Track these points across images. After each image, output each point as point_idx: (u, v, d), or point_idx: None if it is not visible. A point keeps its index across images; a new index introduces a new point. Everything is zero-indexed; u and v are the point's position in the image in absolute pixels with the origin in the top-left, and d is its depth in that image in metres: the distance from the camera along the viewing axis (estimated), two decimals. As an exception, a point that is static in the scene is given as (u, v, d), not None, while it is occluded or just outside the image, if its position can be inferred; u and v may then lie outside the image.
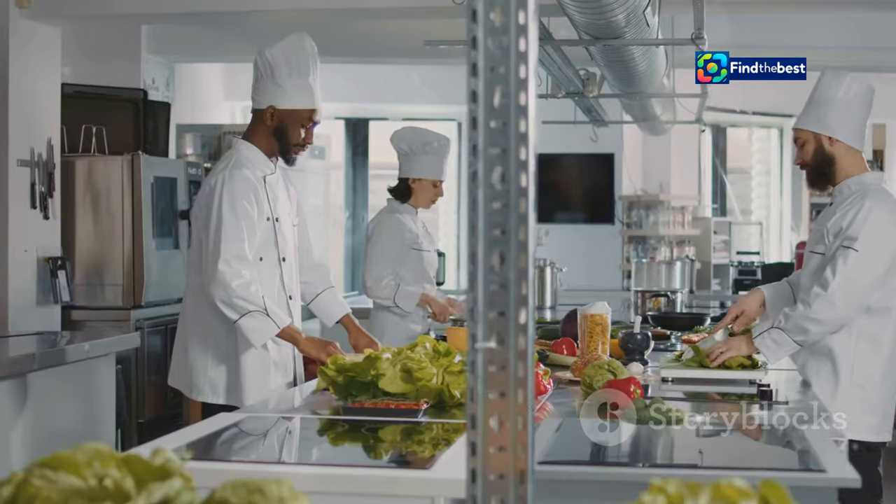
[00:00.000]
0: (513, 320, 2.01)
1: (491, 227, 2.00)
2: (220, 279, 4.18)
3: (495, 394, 2.00)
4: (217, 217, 4.25)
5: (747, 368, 4.26)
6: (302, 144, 4.40)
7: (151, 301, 7.37)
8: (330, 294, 4.79)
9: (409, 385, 3.45)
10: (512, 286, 2.00)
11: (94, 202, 7.32)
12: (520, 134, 2.01)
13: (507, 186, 2.00)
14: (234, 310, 4.18)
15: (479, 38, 2.01)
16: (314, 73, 4.36)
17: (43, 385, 5.02)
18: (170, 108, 8.02)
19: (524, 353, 2.01)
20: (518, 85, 1.99)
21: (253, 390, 4.30)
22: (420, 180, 5.98)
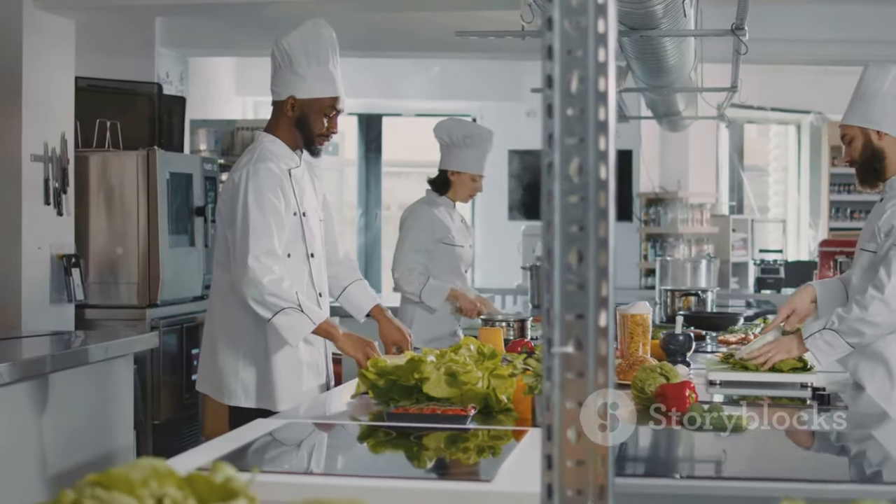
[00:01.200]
0: (592, 323, 1.88)
1: (568, 223, 1.86)
2: (250, 276, 4.01)
3: (573, 403, 1.86)
4: (243, 213, 4.09)
5: (798, 371, 4.10)
6: (326, 134, 4.24)
7: (167, 300, 7.21)
8: (359, 286, 4.61)
9: (454, 389, 3.28)
10: (591, 286, 1.87)
11: (108, 198, 7.16)
12: (599, 122, 1.87)
13: (585, 179, 1.86)
14: (267, 308, 4.02)
15: (556, 19, 1.86)
16: (334, 60, 4.20)
17: (61, 387, 4.86)
18: (185, 102, 7.85)
19: (604, 359, 1.88)
20: (597, 69, 1.85)
21: (285, 393, 4.13)
22: (459, 173, 5.84)
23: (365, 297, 4.60)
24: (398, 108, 12.16)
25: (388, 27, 9.16)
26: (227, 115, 10.61)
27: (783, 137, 12.81)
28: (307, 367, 4.23)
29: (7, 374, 4.33)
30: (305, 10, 7.96)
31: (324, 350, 4.33)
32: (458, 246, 5.85)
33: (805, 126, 12.51)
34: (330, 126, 4.22)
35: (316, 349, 4.26)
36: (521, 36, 4.94)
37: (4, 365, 4.33)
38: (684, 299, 6.41)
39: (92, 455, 5.17)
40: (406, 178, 12.66)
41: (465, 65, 11.27)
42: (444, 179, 5.88)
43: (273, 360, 4.15)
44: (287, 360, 4.16)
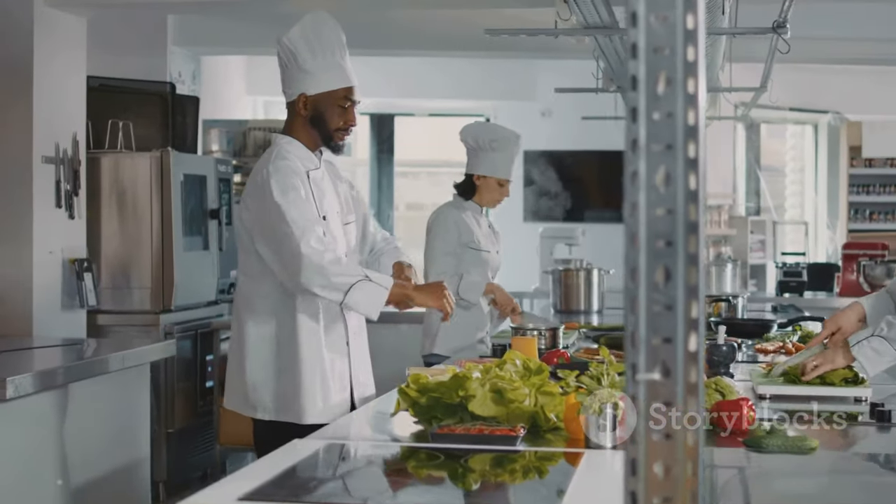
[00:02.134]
0: (681, 348, 1.72)
1: (654, 238, 1.70)
2: (308, 264, 3.82)
3: (660, 435, 1.69)
4: (276, 212, 3.90)
5: (850, 384, 3.91)
6: (344, 128, 4.03)
7: (180, 305, 7.03)
8: (391, 250, 4.38)
9: (501, 407, 3.10)
10: (679, 307, 1.70)
11: (121, 201, 6.98)
12: (688, 127, 1.70)
13: (673, 189, 1.69)
14: (337, 289, 3.83)
15: (640, 14, 1.70)
16: (340, 50, 4.00)
17: (78, 398, 4.70)
18: (198, 102, 7.67)
19: (694, 387, 1.71)
20: (686, 69, 1.68)
21: (312, 406, 3.95)
22: (485, 178, 5.65)
23: (392, 255, 4.37)
24: (411, 108, 11.98)
25: (402, 25, 8.98)
26: (236, 114, 10.44)
27: (800, 138, 12.63)
28: (334, 379, 4.05)
29: (25, 385, 4.17)
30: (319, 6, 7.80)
31: (347, 360, 4.13)
32: (485, 251, 5.67)
33: (822, 126, 12.33)
34: (347, 119, 4.02)
35: (339, 361, 4.07)
36: (554, 34, 4.76)
37: (23, 376, 4.17)
38: (714, 305, 6.23)
39: (109, 467, 5.02)
40: (415, 178, 12.49)
41: (479, 64, 11.10)
42: (470, 184, 5.69)
43: (301, 371, 3.97)
44: (314, 372, 3.99)
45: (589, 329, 5.85)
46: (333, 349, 4.03)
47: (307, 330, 3.99)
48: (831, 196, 12.24)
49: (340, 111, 4.00)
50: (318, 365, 3.99)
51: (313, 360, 3.99)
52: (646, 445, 1.64)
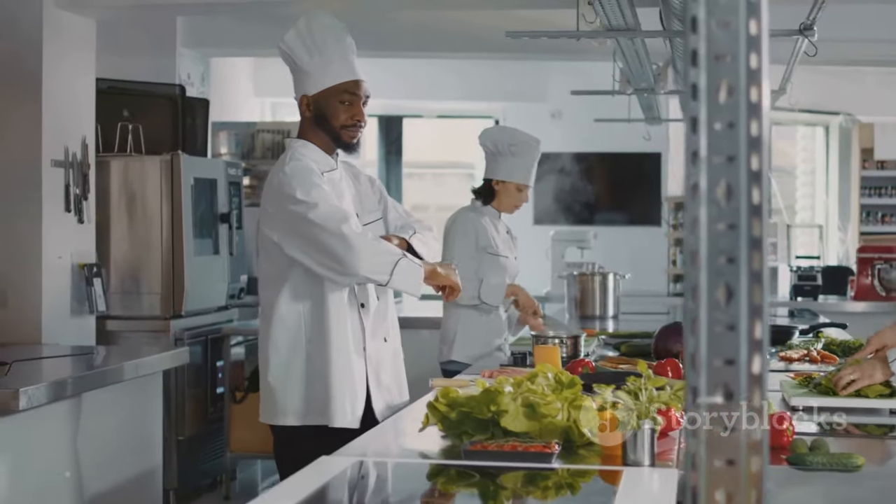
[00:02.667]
0: (744, 370, 1.65)
1: (715, 254, 1.62)
2: (354, 245, 3.76)
3: (721, 461, 1.62)
4: (304, 208, 3.81)
5: (885, 397, 3.81)
6: (351, 124, 3.92)
7: (191, 310, 6.93)
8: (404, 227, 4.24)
9: (534, 422, 3.01)
10: (742, 327, 1.62)
11: (130, 205, 6.88)
12: (751, 138, 1.62)
13: (736, 203, 1.61)
14: (383, 271, 3.82)
15: (701, 19, 1.63)
16: (338, 47, 3.92)
17: (91, 406, 4.61)
18: (208, 104, 7.57)
19: (759, 411, 1.63)
20: (749, 77, 1.60)
21: (340, 410, 3.89)
22: (504, 183, 5.55)
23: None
24: (419, 110, 11.89)
25: (410, 27, 8.90)
26: (244, 117, 10.35)
27: (810, 139, 12.52)
28: (352, 382, 3.97)
29: (38, 396, 4.09)
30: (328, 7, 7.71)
31: (364, 363, 4.03)
32: (503, 256, 5.58)
33: (833, 128, 12.22)
34: (354, 114, 3.92)
35: (357, 362, 3.99)
36: (576, 36, 4.66)
37: (37, 387, 4.09)
38: (735, 311, 6.10)
39: (122, 477, 4.94)
40: (420, 179, 12.40)
41: (488, 65, 11.00)
42: (489, 188, 5.59)
43: (330, 375, 3.91)
44: (343, 375, 3.92)
45: (608, 336, 5.75)
46: (349, 354, 3.95)
47: (329, 333, 3.92)
48: (842, 198, 12.13)
49: (344, 107, 3.92)
50: (345, 367, 3.93)
51: (334, 365, 3.92)
52: (707, 472, 1.56)
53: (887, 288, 9.17)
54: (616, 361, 4.64)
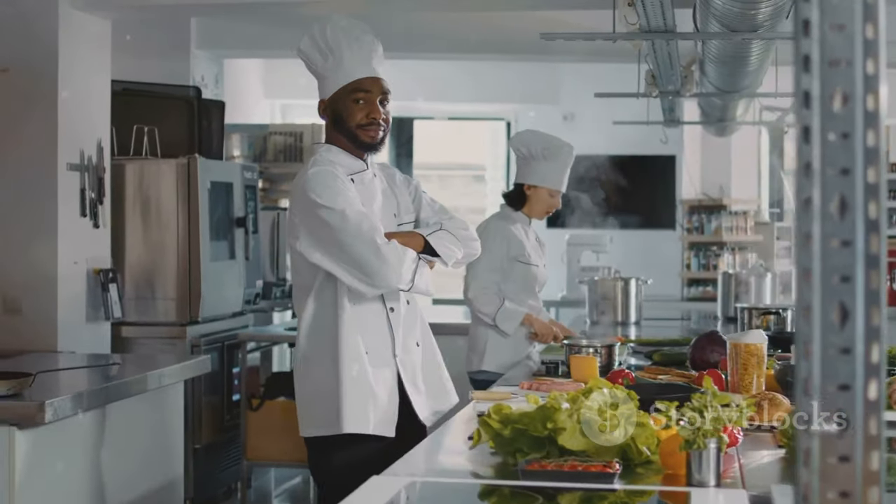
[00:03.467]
0: (860, 396, 1.55)
1: (829, 272, 1.51)
2: (385, 256, 3.71)
3: (834, 493, 1.51)
4: (329, 215, 3.73)
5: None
6: (367, 123, 3.81)
7: (207, 316, 6.82)
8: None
9: (590, 440, 2.89)
10: (858, 350, 1.52)
11: (145, 209, 6.77)
12: (867, 149, 1.51)
13: (851, 218, 1.50)
14: (407, 279, 3.79)
15: (814, 23, 1.52)
16: (352, 47, 3.83)
17: (114, 418, 4.49)
18: (224, 107, 7.45)
19: (875, 441, 1.53)
20: (866, 84, 1.50)
21: (353, 417, 3.82)
22: (536, 188, 5.43)
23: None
24: (430, 112, 11.77)
25: (421, 28, 8.78)
26: (254, 119, 10.24)
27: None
28: (380, 391, 3.88)
29: (64, 408, 3.98)
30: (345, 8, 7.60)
31: (395, 372, 3.93)
32: (534, 265, 5.46)
33: (847, 130, 12.08)
34: (369, 112, 3.81)
35: (388, 371, 3.90)
36: (612, 38, 4.55)
37: (62, 399, 3.98)
38: (763, 318, 6.01)
39: (145, 488, 4.82)
40: (431, 182, 12.27)
41: (500, 67, 10.89)
42: (520, 193, 5.47)
43: (342, 385, 3.83)
44: (355, 384, 3.84)
45: (637, 343, 5.63)
46: (378, 362, 3.88)
47: (348, 343, 3.84)
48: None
49: (359, 106, 3.82)
50: (360, 377, 3.84)
51: (354, 373, 3.84)
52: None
53: (907, 293, 9.06)
54: (654, 372, 4.53)
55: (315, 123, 9.35)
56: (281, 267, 8.25)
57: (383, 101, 3.85)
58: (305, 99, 11.24)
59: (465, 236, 4.02)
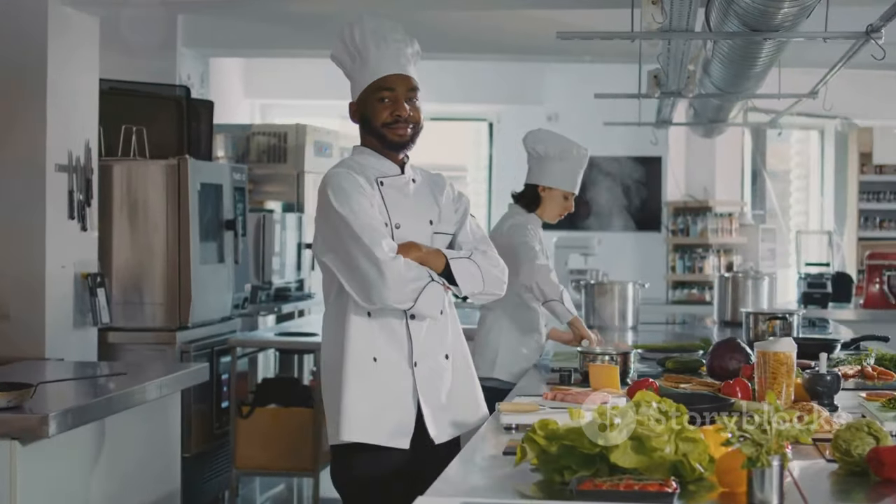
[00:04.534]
0: None
1: None
2: (384, 273, 3.59)
3: None
4: (339, 220, 3.64)
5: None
6: (392, 122, 3.70)
7: (196, 321, 6.64)
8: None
9: (643, 457, 2.75)
10: None
11: (133, 211, 6.59)
12: None
13: None
14: (408, 299, 3.66)
15: None
16: (377, 47, 3.73)
17: (113, 429, 4.34)
18: (212, 106, 7.27)
19: None
20: None
21: (349, 425, 3.73)
22: (551, 189, 5.27)
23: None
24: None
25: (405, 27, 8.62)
26: (235, 118, 10.05)
27: (805, 143, 12.34)
28: (391, 400, 3.77)
29: (67, 421, 3.81)
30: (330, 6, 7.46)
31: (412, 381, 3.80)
32: (551, 270, 5.31)
33: (829, 131, 12.06)
34: (394, 109, 3.70)
35: (403, 380, 3.77)
36: (630, 38, 4.42)
37: (65, 412, 3.81)
38: (769, 323, 5.90)
39: (144, 500, 4.66)
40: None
41: (483, 67, 10.75)
42: (534, 195, 5.31)
43: (344, 390, 3.75)
44: (362, 392, 3.75)
45: (646, 350, 5.50)
46: (391, 371, 3.77)
47: (354, 349, 3.75)
48: (839, 203, 11.96)
49: (383, 105, 3.71)
50: (364, 386, 3.74)
51: (358, 380, 3.75)
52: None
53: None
54: (673, 380, 4.40)
55: (299, 124, 9.20)
56: (267, 270, 8.09)
57: (412, 98, 3.73)
58: (286, 99, 11.11)
59: (493, 274, 3.86)
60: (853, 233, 11.57)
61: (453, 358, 3.89)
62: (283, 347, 7.64)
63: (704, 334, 6.66)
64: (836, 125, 11.82)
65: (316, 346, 7.08)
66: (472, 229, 3.95)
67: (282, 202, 8.72)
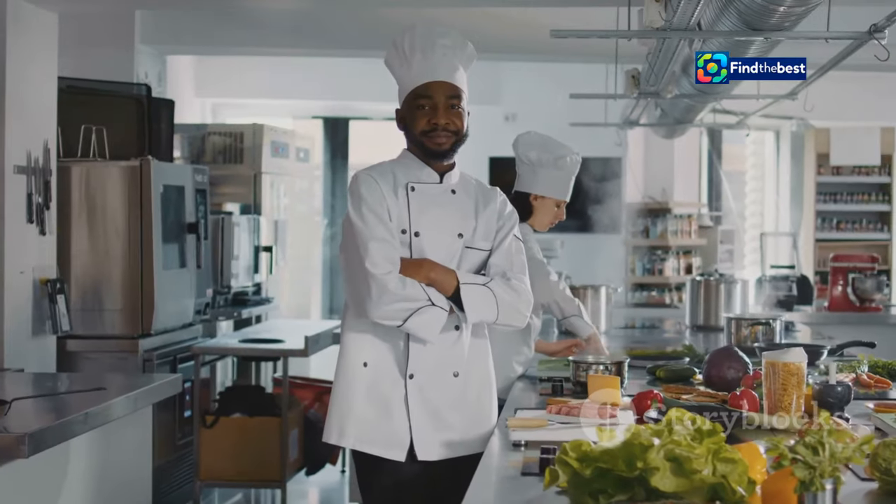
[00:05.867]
0: None
1: None
2: (371, 288, 3.52)
3: None
4: (349, 224, 3.60)
5: None
6: (429, 130, 3.61)
7: (159, 328, 6.41)
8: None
9: (682, 479, 2.59)
10: None
11: (92, 214, 6.36)
12: None
13: None
14: (396, 318, 3.55)
15: None
16: (423, 53, 3.63)
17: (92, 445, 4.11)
18: (173, 106, 7.03)
19: None
20: None
21: (329, 429, 3.70)
22: (544, 198, 5.04)
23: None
24: (366, 112, 11.41)
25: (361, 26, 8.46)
26: (185, 118, 9.79)
27: (760, 144, 12.29)
28: (379, 408, 3.68)
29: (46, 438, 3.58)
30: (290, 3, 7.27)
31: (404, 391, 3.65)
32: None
33: (785, 133, 12.00)
34: (431, 118, 3.61)
35: (395, 389, 3.66)
36: (627, 36, 4.27)
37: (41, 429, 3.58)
38: (751, 328, 5.77)
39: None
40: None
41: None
42: (526, 204, 5.07)
43: (335, 393, 3.73)
44: (350, 396, 3.69)
45: (632, 357, 5.34)
46: (383, 379, 3.67)
47: (347, 352, 3.71)
48: (795, 204, 11.91)
49: (422, 112, 3.63)
50: (349, 389, 3.68)
51: (345, 384, 3.70)
52: None
53: (861, 298, 8.95)
54: (674, 391, 4.25)
55: (256, 123, 8.98)
56: (226, 274, 7.85)
57: (454, 105, 3.63)
58: (237, 98, 10.85)
59: (511, 304, 3.69)
60: (810, 234, 11.52)
61: (467, 377, 3.73)
62: (248, 355, 7.42)
63: (678, 339, 6.54)
64: (791, 126, 11.76)
65: (281, 353, 6.89)
66: (510, 252, 3.78)
67: (240, 204, 8.49)
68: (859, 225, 11.71)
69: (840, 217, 11.73)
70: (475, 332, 3.79)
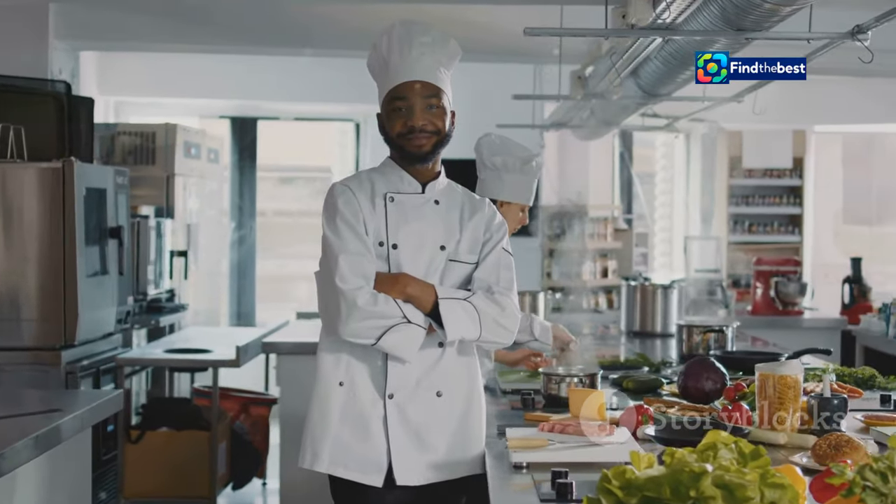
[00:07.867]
0: None
1: None
2: (339, 305, 3.36)
3: None
4: (323, 239, 3.48)
5: None
6: (406, 132, 3.43)
7: (82, 339, 6.07)
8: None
9: (736, 510, 2.41)
10: None
11: (7, 218, 5.98)
12: None
13: None
14: (369, 336, 3.38)
15: None
16: (400, 54, 3.45)
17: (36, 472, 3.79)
18: (93, 104, 6.68)
19: None
20: None
21: (303, 453, 3.55)
22: (509, 204, 4.74)
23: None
24: (275, 111, 11.09)
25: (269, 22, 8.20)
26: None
27: (670, 147, 12.23)
28: (355, 429, 3.50)
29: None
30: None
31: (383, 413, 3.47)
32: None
33: (696, 135, 11.96)
34: (406, 120, 3.42)
35: (373, 410, 3.48)
36: (604, 35, 4.09)
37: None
38: (703, 336, 5.63)
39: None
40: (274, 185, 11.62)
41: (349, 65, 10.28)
42: None
43: (309, 413, 3.57)
44: (323, 419, 3.52)
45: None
46: (359, 399, 3.49)
47: (323, 370, 3.54)
48: (706, 207, 11.87)
49: (398, 114, 3.45)
50: (326, 410, 3.51)
51: (325, 404, 3.53)
52: None
53: (784, 301, 8.91)
54: (665, 404, 4.08)
55: (168, 123, 8.64)
56: (142, 280, 7.51)
57: (432, 105, 3.44)
58: (142, 97, 10.45)
59: (496, 320, 3.48)
60: (723, 237, 11.48)
61: (452, 397, 3.52)
62: (177, 366, 7.10)
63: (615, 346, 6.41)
64: (702, 129, 11.71)
65: (211, 364, 6.59)
66: (497, 266, 3.55)
67: (153, 206, 8.14)
68: (771, 227, 11.72)
69: (752, 220, 11.71)
70: (461, 349, 3.57)
